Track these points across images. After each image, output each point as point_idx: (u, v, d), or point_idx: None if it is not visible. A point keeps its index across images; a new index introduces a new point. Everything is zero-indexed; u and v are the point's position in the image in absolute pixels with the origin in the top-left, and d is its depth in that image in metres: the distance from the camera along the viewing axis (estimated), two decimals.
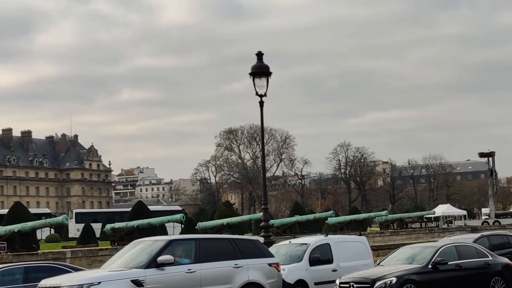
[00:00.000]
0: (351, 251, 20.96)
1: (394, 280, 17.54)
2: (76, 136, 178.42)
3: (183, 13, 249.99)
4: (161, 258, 15.06)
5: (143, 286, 14.64)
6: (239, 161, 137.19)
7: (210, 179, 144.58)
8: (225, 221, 55.22)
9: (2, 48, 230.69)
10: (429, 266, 18.51)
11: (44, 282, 15.11)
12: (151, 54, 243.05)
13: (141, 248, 16.05)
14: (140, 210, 56.26)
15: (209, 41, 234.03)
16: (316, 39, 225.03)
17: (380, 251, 31.73)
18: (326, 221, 64.82)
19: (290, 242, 21.60)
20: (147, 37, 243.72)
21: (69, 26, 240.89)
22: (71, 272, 17.03)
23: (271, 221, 53.30)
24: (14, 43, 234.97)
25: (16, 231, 39.36)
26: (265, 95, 23.29)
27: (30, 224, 41.31)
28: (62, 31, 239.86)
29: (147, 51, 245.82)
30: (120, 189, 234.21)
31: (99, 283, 14.22)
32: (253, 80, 23.31)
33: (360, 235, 24.26)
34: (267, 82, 23.30)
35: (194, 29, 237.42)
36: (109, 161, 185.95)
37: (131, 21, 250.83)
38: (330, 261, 20.38)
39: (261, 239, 18.56)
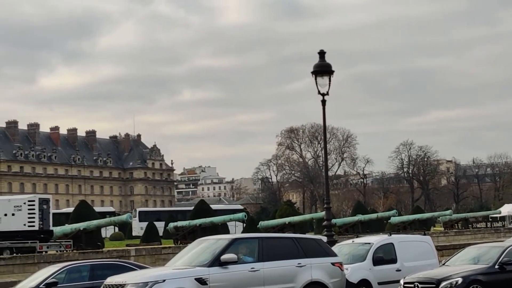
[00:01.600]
0: (415, 251, 20.68)
1: (460, 280, 17.27)
2: (139, 136, 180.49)
3: (242, 13, 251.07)
4: (225, 257, 15.10)
5: (207, 284, 14.71)
6: (300, 160, 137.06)
7: (271, 178, 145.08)
8: (287, 220, 55.32)
9: (68, 51, 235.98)
10: (496, 267, 18.16)
11: (110, 279, 15.31)
12: (211, 54, 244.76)
13: (204, 246, 16.14)
14: (203, 209, 56.73)
15: (269, 40, 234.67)
16: (376, 37, 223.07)
17: (445, 251, 31.35)
18: (388, 221, 64.32)
19: (353, 241, 21.44)
20: (207, 38, 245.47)
21: (131, 28, 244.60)
22: (136, 270, 17.18)
23: (333, 220, 53.01)
24: (78, 45, 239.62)
25: (81, 229, 40.24)
26: (327, 93, 22.99)
27: (95, 222, 42.17)
28: (123, 33, 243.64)
29: (207, 51, 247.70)
30: (182, 188, 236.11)
31: (164, 281, 14.36)
32: (315, 79, 22.99)
33: (425, 234, 23.87)
34: (329, 80, 22.97)
35: (253, 29, 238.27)
36: (171, 160, 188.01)
37: (191, 22, 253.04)
38: (394, 260, 20.15)
39: (324, 238, 18.48)
